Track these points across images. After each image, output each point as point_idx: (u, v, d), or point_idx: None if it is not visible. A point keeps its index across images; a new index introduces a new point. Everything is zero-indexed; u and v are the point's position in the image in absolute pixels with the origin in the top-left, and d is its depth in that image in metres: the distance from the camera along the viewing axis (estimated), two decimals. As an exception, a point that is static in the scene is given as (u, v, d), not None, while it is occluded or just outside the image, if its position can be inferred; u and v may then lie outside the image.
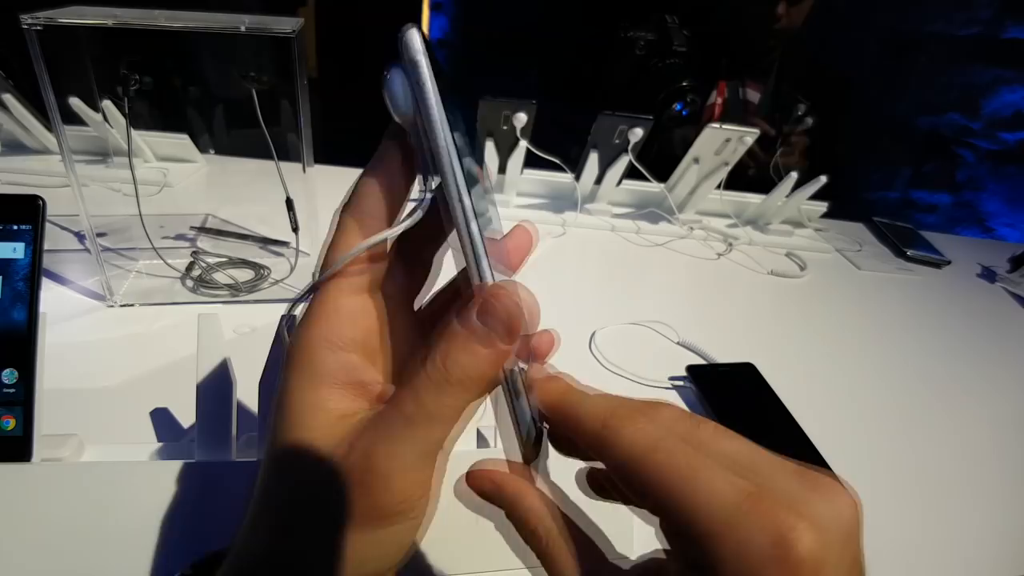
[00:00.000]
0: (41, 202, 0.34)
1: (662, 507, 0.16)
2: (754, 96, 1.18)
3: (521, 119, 0.82)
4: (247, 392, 0.36)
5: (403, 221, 0.20)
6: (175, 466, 0.34)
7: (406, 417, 0.18)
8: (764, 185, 0.96)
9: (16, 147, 0.88)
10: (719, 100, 1.17)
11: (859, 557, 0.16)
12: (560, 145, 0.92)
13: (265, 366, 0.35)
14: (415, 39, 0.18)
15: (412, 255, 0.23)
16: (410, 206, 0.21)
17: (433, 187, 0.19)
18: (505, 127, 0.84)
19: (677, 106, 0.92)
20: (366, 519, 0.18)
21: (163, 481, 0.33)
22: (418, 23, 0.20)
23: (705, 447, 0.17)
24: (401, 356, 0.22)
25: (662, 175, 0.94)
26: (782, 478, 0.16)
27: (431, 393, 0.18)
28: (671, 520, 0.16)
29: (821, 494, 0.16)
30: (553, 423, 0.20)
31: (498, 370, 0.19)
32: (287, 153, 0.60)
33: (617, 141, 0.86)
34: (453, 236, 0.20)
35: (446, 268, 0.23)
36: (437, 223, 0.20)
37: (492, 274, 0.19)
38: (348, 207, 0.20)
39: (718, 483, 0.16)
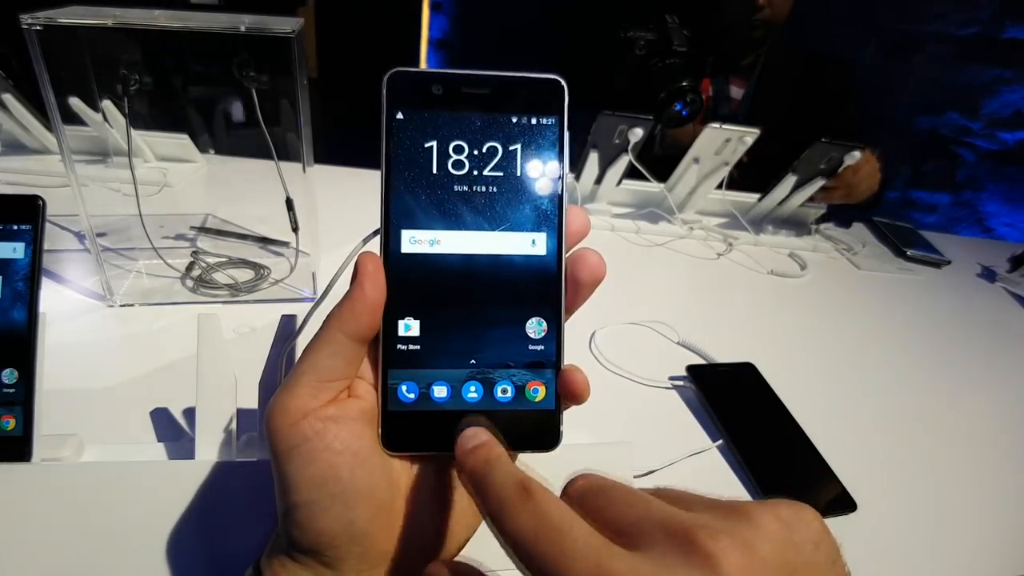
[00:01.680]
0: (41, 202, 0.34)
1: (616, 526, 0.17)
2: (737, 93, 1.18)
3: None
4: (247, 392, 0.36)
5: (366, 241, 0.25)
6: (175, 466, 0.34)
7: (295, 366, 0.23)
8: (764, 185, 0.96)
9: (16, 147, 0.88)
10: (704, 96, 1.17)
11: None
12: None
13: (265, 366, 0.35)
14: (384, 83, 0.23)
15: None
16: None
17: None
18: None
19: (677, 106, 0.91)
20: (270, 447, 0.22)
21: (163, 481, 0.33)
22: (408, 64, 0.24)
23: (594, 516, 0.18)
24: None
25: (662, 175, 0.94)
26: (661, 545, 0.16)
27: (314, 338, 0.23)
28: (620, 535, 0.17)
29: (692, 562, 0.15)
30: (471, 487, 0.20)
31: (354, 315, 0.22)
32: (287, 153, 0.60)
33: (617, 141, 0.86)
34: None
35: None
36: None
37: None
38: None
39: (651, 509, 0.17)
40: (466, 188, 0.24)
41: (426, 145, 0.23)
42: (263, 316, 0.60)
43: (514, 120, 0.24)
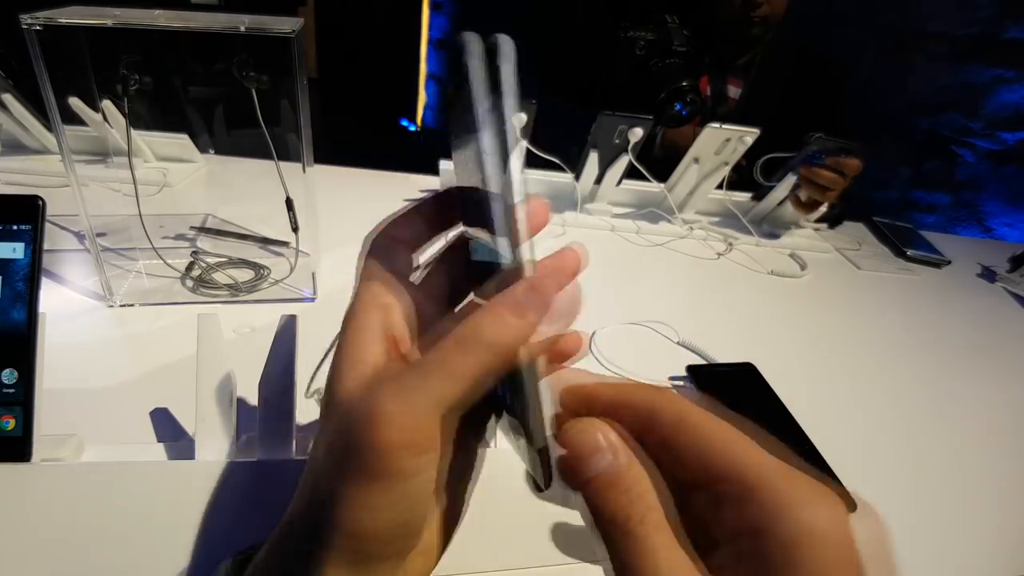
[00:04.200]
0: (41, 202, 0.34)
1: (719, 467, 0.18)
2: (735, 92, 1.18)
3: (521, 119, 0.82)
4: (247, 392, 0.36)
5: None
6: (175, 466, 0.34)
7: (423, 369, 0.18)
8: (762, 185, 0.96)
9: (16, 147, 0.88)
10: (704, 97, 1.17)
11: None
12: (560, 145, 0.92)
13: (265, 366, 0.35)
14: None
15: (458, 269, 0.24)
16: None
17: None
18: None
19: (677, 106, 0.91)
20: (367, 462, 0.18)
21: (163, 481, 0.33)
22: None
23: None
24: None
25: (662, 175, 0.94)
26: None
27: (452, 350, 0.18)
28: (729, 478, 0.18)
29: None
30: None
31: (521, 341, 0.18)
32: (287, 153, 0.60)
33: (617, 141, 0.86)
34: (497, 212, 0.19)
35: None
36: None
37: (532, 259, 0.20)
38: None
39: (757, 451, 0.18)
40: None
41: None
42: (263, 316, 0.60)
43: None
